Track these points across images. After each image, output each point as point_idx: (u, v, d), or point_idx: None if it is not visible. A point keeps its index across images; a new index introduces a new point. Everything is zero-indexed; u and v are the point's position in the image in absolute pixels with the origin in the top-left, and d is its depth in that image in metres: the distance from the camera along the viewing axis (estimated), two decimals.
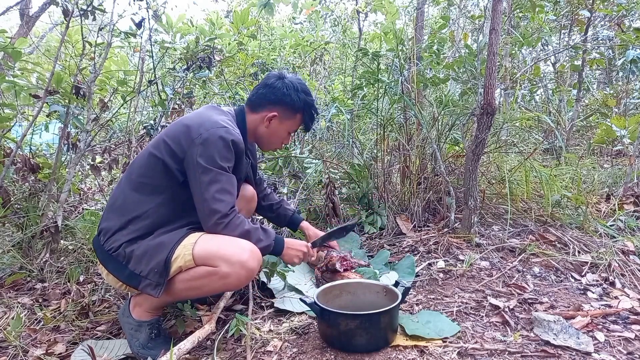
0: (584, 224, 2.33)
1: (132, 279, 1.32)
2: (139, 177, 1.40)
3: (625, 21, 4.29)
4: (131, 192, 1.39)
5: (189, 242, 1.33)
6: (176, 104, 2.56)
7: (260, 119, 1.57)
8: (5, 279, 1.97)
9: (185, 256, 1.30)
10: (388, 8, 3.26)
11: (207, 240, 1.34)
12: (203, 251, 1.31)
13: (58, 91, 2.16)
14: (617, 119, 2.91)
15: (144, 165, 1.41)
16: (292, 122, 1.61)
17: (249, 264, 1.31)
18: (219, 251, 1.30)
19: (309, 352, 1.33)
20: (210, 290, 1.39)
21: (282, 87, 1.55)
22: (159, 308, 1.47)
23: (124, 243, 1.34)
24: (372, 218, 2.56)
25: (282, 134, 1.63)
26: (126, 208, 1.38)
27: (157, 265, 1.29)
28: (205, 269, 1.30)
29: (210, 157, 1.34)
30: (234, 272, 1.29)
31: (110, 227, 1.37)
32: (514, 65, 4.02)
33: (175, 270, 1.31)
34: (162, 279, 1.30)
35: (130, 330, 1.42)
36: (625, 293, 1.68)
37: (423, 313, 1.53)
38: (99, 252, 1.40)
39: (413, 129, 2.67)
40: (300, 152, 2.84)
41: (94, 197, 3.14)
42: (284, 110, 1.57)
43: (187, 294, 1.39)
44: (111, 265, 1.36)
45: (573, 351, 1.27)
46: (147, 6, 2.44)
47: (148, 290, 1.31)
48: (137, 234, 1.35)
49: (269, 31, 5.22)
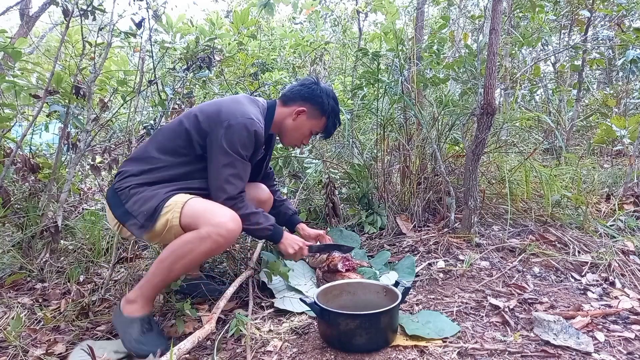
0: (584, 224, 2.33)
1: (123, 216, 1.46)
2: (164, 139, 1.55)
3: (625, 21, 4.29)
4: (153, 150, 1.54)
5: (180, 200, 1.44)
6: (176, 104, 2.55)
7: (289, 112, 1.71)
8: (5, 279, 1.97)
9: (175, 212, 1.41)
10: (388, 8, 3.26)
11: (196, 201, 1.45)
12: (190, 210, 1.41)
13: (58, 91, 2.16)
14: (617, 119, 2.91)
15: (171, 130, 1.56)
16: (317, 122, 1.74)
17: (228, 225, 1.39)
18: (204, 213, 1.41)
19: (309, 352, 1.33)
20: (194, 257, 1.40)
21: (316, 89, 1.71)
22: (151, 300, 1.47)
23: (131, 185, 1.48)
24: (372, 218, 2.56)
25: (305, 131, 1.75)
26: (145, 160, 1.53)
27: (148, 209, 1.42)
28: (187, 235, 1.39)
29: (233, 143, 1.47)
30: (213, 233, 1.37)
31: (127, 171, 1.52)
32: (514, 65, 4.02)
33: (162, 222, 1.41)
34: (148, 223, 1.41)
35: (123, 327, 1.43)
36: (625, 293, 1.68)
37: (423, 313, 1.53)
38: (108, 192, 1.55)
39: (413, 129, 2.67)
40: (300, 152, 2.84)
41: (94, 197, 3.14)
42: (313, 108, 1.71)
43: (175, 266, 1.41)
44: (112, 201, 1.50)
45: (573, 351, 1.27)
46: (147, 6, 2.44)
47: (133, 229, 1.44)
48: (146, 181, 1.49)
49: (269, 31, 5.23)
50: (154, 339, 1.40)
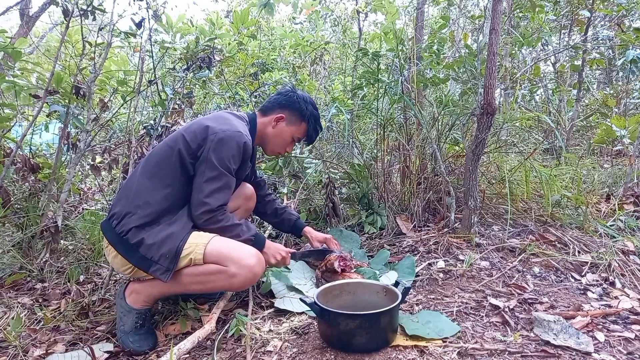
0: (584, 224, 2.33)
1: (142, 262, 1.42)
2: (154, 167, 1.51)
3: (625, 21, 4.29)
4: (144, 180, 1.49)
5: (201, 241, 1.44)
6: (176, 104, 2.55)
7: (269, 121, 1.72)
8: (5, 279, 1.97)
9: (197, 253, 1.41)
10: (388, 8, 3.26)
11: (219, 241, 1.46)
12: (215, 251, 1.42)
13: (58, 91, 2.16)
14: (617, 119, 2.91)
15: (161, 155, 1.52)
16: (297, 128, 1.75)
17: (255, 268, 1.44)
18: (230, 253, 1.43)
19: (309, 352, 1.33)
20: (214, 286, 1.47)
21: (293, 96, 1.73)
22: (154, 300, 1.54)
23: (133, 228, 1.43)
24: (372, 218, 2.55)
25: (286, 137, 1.75)
26: (137, 194, 1.47)
27: (169, 252, 1.40)
28: (215, 267, 1.42)
29: (221, 157, 1.46)
30: (241, 274, 1.41)
31: (122, 211, 1.46)
32: (514, 65, 4.02)
33: (186, 262, 1.42)
34: (172, 265, 1.40)
35: (121, 313, 1.51)
36: (625, 293, 1.67)
37: (423, 313, 1.53)
38: (109, 234, 1.47)
39: (413, 129, 2.67)
40: (300, 152, 2.84)
41: (94, 197, 3.14)
42: (291, 114, 1.72)
43: (191, 287, 1.47)
44: (121, 248, 1.44)
45: (573, 351, 1.27)
46: (147, 6, 2.44)
47: (157, 274, 1.41)
48: (145, 220, 1.44)
49: (269, 31, 5.23)
50: (142, 338, 1.47)
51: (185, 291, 1.53)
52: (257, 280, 1.59)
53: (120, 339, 1.48)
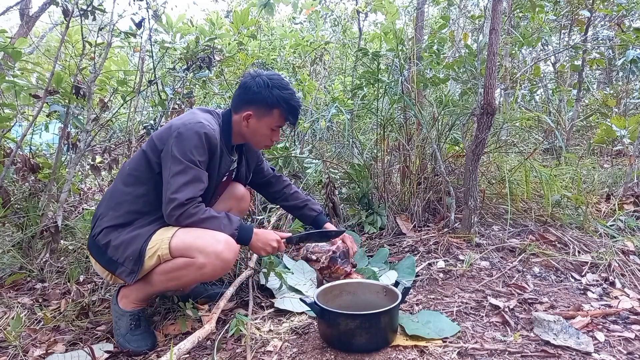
0: (584, 224, 2.33)
1: (110, 264, 1.42)
2: (129, 172, 1.51)
3: (625, 21, 4.29)
4: (120, 185, 1.50)
5: (165, 236, 1.40)
6: (176, 104, 2.55)
7: (240, 119, 1.60)
8: (5, 279, 1.97)
9: (162, 249, 1.38)
10: (388, 8, 3.26)
11: (183, 232, 1.40)
12: (180, 243, 1.38)
13: (58, 91, 2.16)
14: (617, 119, 2.91)
15: (135, 161, 1.51)
16: (271, 119, 1.59)
17: (224, 254, 1.37)
18: (195, 242, 1.37)
19: (309, 352, 1.33)
20: (188, 280, 1.45)
21: (252, 86, 1.56)
22: (144, 300, 1.53)
23: (104, 229, 1.43)
24: (372, 218, 2.56)
25: (263, 131, 1.62)
26: (112, 198, 1.49)
27: (133, 254, 1.38)
28: (183, 260, 1.37)
29: (184, 150, 1.41)
30: (209, 263, 1.36)
31: (97, 215, 1.49)
32: (514, 65, 4.02)
33: (155, 260, 1.39)
34: (136, 267, 1.39)
35: (115, 317, 1.52)
36: (625, 293, 1.68)
37: (423, 313, 1.53)
38: (89, 241, 1.50)
39: (413, 129, 2.67)
40: (300, 152, 2.84)
41: (94, 197, 3.14)
42: (257, 108, 1.58)
43: (167, 284, 1.46)
44: (94, 251, 1.46)
45: (573, 351, 1.27)
46: (147, 6, 2.44)
47: (123, 276, 1.40)
48: (117, 222, 1.44)
49: (269, 31, 5.23)
50: (140, 338, 1.47)
51: (166, 289, 1.51)
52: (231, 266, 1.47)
53: (118, 342, 1.49)
